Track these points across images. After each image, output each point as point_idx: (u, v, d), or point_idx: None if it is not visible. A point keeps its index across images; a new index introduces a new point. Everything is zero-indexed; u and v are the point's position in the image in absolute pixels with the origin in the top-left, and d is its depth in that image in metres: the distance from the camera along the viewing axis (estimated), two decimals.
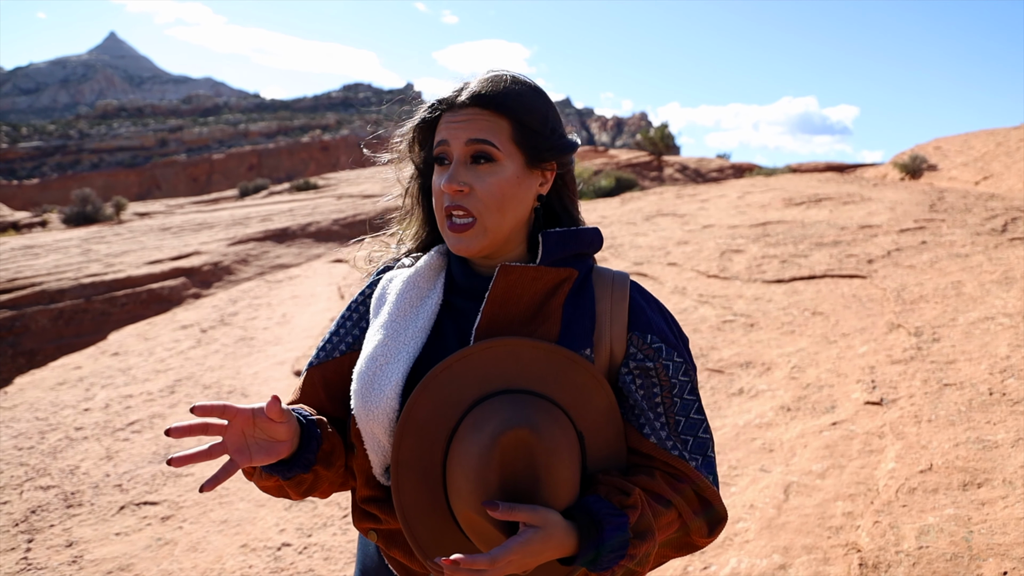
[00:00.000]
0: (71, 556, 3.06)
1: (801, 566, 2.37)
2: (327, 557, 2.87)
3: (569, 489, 0.95)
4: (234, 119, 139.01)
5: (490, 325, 1.04)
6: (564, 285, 1.06)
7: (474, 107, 1.04)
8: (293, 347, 5.83)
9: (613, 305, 1.08)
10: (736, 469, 3.09)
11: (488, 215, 1.03)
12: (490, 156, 1.03)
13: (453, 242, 1.05)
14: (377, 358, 1.04)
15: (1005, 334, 3.74)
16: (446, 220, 1.05)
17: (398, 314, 1.07)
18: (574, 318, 1.06)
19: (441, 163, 1.06)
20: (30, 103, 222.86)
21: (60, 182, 78.15)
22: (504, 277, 1.04)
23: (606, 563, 0.91)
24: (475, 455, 0.92)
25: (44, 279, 10.84)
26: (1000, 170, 13.60)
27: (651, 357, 1.05)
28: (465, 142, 1.03)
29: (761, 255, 6.20)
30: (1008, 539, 2.23)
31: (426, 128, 1.11)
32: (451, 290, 1.12)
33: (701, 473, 1.03)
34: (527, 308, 1.05)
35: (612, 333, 1.06)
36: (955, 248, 5.51)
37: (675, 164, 23.79)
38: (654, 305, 1.12)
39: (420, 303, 1.09)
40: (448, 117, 1.06)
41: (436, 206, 1.07)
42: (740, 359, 4.22)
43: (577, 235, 1.10)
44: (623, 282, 1.10)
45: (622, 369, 1.06)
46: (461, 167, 1.04)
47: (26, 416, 4.93)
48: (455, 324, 1.08)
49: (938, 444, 2.87)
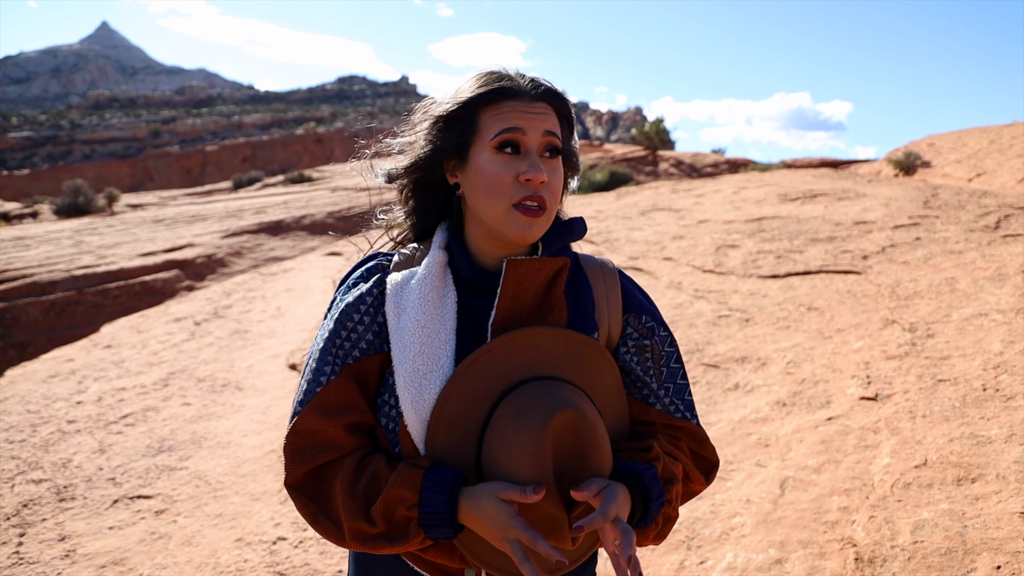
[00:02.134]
0: (64, 550, 3.04)
1: (797, 560, 2.37)
2: (322, 551, 2.87)
3: (609, 459, 1.04)
4: (228, 111, 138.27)
5: (504, 319, 1.07)
6: (562, 274, 1.11)
7: (544, 102, 1.07)
8: (288, 340, 5.81)
9: (608, 290, 1.17)
10: (732, 464, 3.10)
11: (554, 207, 1.08)
12: (559, 151, 1.08)
13: (522, 227, 1.04)
14: (419, 368, 1.04)
15: (998, 330, 3.75)
16: (514, 207, 1.04)
17: (426, 319, 1.06)
18: (578, 304, 1.13)
19: (506, 149, 1.05)
20: (20, 92, 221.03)
21: (51, 173, 77.54)
22: (514, 271, 1.06)
23: (654, 511, 1.05)
24: (527, 440, 0.97)
25: (35, 271, 10.77)
26: (993, 167, 13.65)
27: (645, 335, 1.16)
28: (543, 133, 1.05)
29: (756, 250, 6.21)
30: (1002, 533, 2.24)
31: (462, 114, 1.07)
32: (459, 286, 1.11)
33: (698, 425, 1.17)
34: (534, 299, 1.09)
35: (610, 315, 1.16)
36: (949, 244, 5.53)
37: (670, 159, 23.79)
38: (637, 287, 1.23)
39: (441, 304, 1.08)
40: (518, 105, 1.05)
41: (492, 193, 1.04)
42: (736, 354, 4.23)
43: (570, 225, 1.15)
44: (611, 268, 1.20)
45: (621, 348, 1.16)
46: (539, 158, 1.05)
47: (17, 409, 4.90)
48: (468, 320, 1.09)
49: (933, 439, 2.88)
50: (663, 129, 24.78)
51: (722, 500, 2.85)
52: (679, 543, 2.63)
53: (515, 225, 1.04)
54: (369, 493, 1.00)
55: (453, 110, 1.08)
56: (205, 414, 4.47)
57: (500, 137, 1.04)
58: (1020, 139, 14.39)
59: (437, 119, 1.10)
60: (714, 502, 2.84)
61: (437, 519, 0.97)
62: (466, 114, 1.07)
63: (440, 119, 1.09)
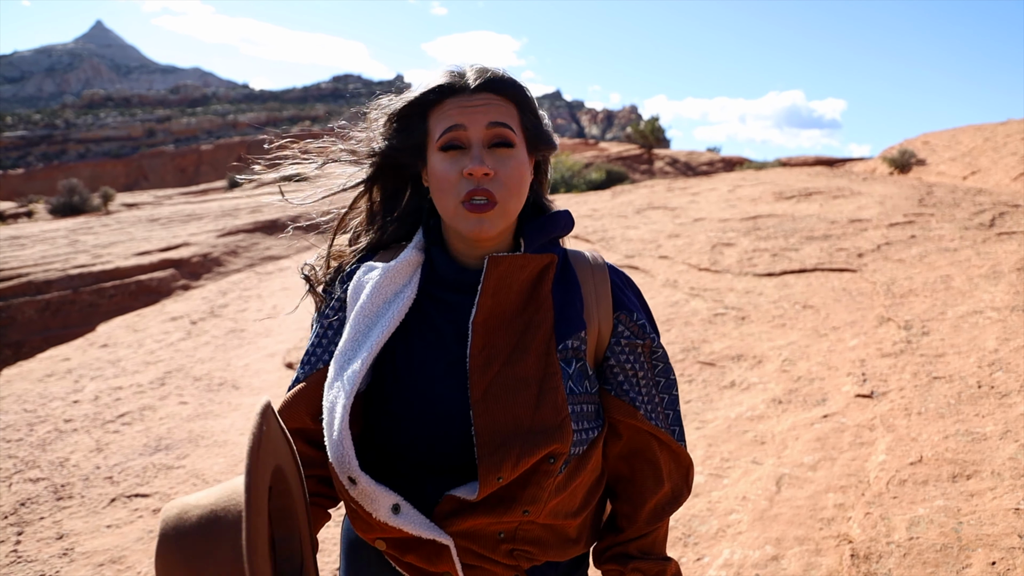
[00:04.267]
0: (61, 548, 3.04)
1: (793, 557, 2.39)
2: (320, 551, 2.87)
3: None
4: (223, 110, 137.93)
5: (487, 317, 1.04)
6: (549, 270, 1.08)
7: (487, 92, 1.03)
8: (284, 339, 5.81)
9: (597, 286, 1.12)
10: (728, 461, 3.11)
11: (509, 199, 1.03)
12: (509, 141, 1.03)
13: (472, 224, 1.02)
14: (345, 352, 1.04)
15: (993, 328, 3.77)
16: (462, 203, 1.02)
17: (370, 308, 1.06)
18: (565, 302, 1.09)
19: (452, 148, 1.03)
20: (15, 92, 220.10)
21: (46, 172, 77.26)
22: (495, 268, 1.04)
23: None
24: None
25: (31, 270, 10.74)
26: (987, 165, 13.70)
27: (638, 334, 1.12)
28: (486, 125, 1.02)
29: (752, 248, 6.23)
30: (996, 530, 2.26)
31: (412, 115, 1.07)
32: (437, 285, 1.09)
33: (681, 445, 1.15)
34: (518, 297, 1.06)
35: (600, 313, 1.11)
36: (944, 242, 5.55)
37: (665, 157, 23.82)
38: (628, 283, 1.18)
39: (393, 298, 1.07)
40: (459, 102, 1.03)
41: (443, 192, 1.03)
42: (731, 352, 4.24)
43: (554, 219, 1.12)
44: (600, 264, 1.15)
45: (615, 347, 1.12)
46: (484, 151, 1.02)
47: (14, 408, 4.89)
48: (449, 318, 1.07)
49: (928, 436, 2.89)
50: (658, 127, 24.81)
51: (718, 497, 2.86)
52: (675, 540, 2.65)
53: (465, 222, 1.02)
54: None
55: (401, 108, 1.08)
56: (202, 413, 4.47)
57: (443, 138, 1.03)
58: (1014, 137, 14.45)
59: (389, 117, 1.10)
60: (710, 499, 2.86)
61: None
62: (417, 117, 1.07)
63: (393, 116, 1.09)
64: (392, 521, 0.98)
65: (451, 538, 1.00)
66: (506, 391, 1.01)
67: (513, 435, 0.99)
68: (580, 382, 1.06)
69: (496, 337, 1.04)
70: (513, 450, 0.98)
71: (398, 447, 1.05)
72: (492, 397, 1.00)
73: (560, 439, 0.99)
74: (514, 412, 1.00)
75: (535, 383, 1.02)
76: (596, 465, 1.11)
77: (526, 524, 1.03)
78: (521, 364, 1.02)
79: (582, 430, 1.05)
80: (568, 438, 1.00)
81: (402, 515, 0.99)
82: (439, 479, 1.02)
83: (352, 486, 0.98)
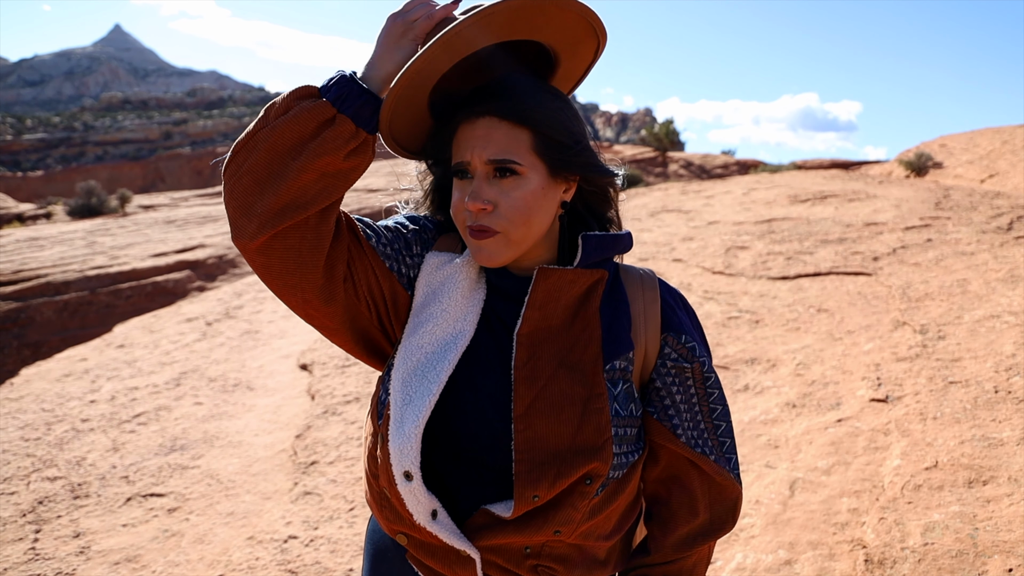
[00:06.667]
0: (78, 547, 3.08)
1: (807, 562, 2.37)
2: (333, 550, 2.89)
3: None
4: (239, 112, 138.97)
5: (533, 330, 1.01)
6: (598, 287, 1.05)
7: (493, 116, 0.98)
8: (298, 340, 5.84)
9: (646, 306, 1.07)
10: (742, 465, 3.10)
11: (514, 229, 0.98)
12: (514, 171, 0.98)
13: (475, 250, 1.00)
14: (427, 345, 1.02)
15: (1011, 332, 3.73)
16: (468, 229, 1.00)
17: (450, 304, 1.03)
18: (614, 320, 1.05)
19: (460, 176, 1.01)
20: (35, 95, 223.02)
21: (65, 174, 78.15)
22: (543, 280, 1.01)
23: None
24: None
25: (49, 271, 10.87)
26: (1006, 168, 13.55)
27: (686, 357, 1.07)
28: (485, 161, 0.98)
29: (766, 252, 6.20)
30: (1013, 536, 2.23)
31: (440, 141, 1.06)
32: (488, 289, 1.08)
33: (732, 477, 1.10)
34: (565, 311, 1.03)
35: (647, 334, 1.06)
36: (961, 246, 5.50)
37: (680, 160, 23.75)
38: (680, 302, 1.13)
39: (471, 295, 1.05)
40: (467, 130, 0.99)
41: (455, 217, 1.02)
42: (745, 355, 4.22)
43: (616, 240, 1.08)
44: (652, 282, 1.10)
45: (660, 369, 1.07)
46: (484, 183, 0.98)
47: (32, 407, 4.95)
48: (491, 328, 1.05)
49: (943, 441, 2.87)
50: (673, 130, 24.76)
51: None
52: None
53: (472, 248, 1.01)
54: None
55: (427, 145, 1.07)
56: (217, 413, 4.51)
57: (453, 167, 1.02)
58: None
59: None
60: None
61: (342, 86, 0.94)
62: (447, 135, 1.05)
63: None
64: (429, 526, 0.98)
65: (479, 552, 0.99)
66: (551, 408, 0.98)
67: (553, 455, 0.96)
68: (625, 405, 1.03)
69: (541, 351, 1.01)
70: (551, 469, 0.96)
71: (438, 447, 1.03)
72: (536, 413, 0.98)
73: (600, 459, 0.97)
74: (556, 431, 0.97)
75: (580, 403, 0.98)
76: (633, 489, 1.08)
77: (553, 542, 1.01)
78: (567, 382, 0.99)
79: (623, 453, 1.02)
80: (608, 459, 0.98)
81: (438, 521, 0.98)
82: (471, 489, 1.01)
83: (406, 482, 0.96)
